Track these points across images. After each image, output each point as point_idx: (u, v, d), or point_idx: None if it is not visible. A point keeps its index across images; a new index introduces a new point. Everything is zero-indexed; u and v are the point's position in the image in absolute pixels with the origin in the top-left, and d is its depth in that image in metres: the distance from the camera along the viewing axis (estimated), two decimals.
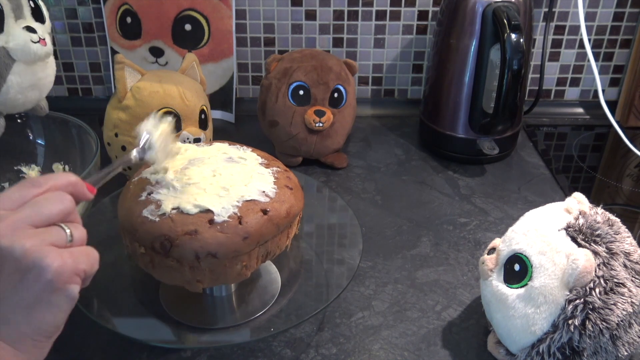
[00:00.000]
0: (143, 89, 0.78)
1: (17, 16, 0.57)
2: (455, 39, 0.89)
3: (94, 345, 0.61)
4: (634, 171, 0.96)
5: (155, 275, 0.58)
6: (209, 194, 0.57)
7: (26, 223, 0.40)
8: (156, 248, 0.55)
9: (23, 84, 0.59)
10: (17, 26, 0.57)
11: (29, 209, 0.41)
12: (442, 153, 0.96)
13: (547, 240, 0.55)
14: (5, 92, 0.58)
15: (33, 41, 0.57)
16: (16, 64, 0.56)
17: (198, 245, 0.54)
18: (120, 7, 0.99)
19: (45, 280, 0.39)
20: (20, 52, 0.57)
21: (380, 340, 0.62)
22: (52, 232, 0.41)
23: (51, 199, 0.42)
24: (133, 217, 0.57)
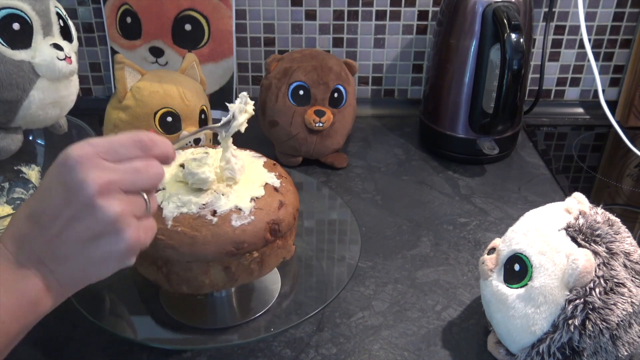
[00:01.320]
0: (143, 89, 0.78)
1: (46, 33, 0.57)
2: (455, 39, 0.89)
3: (94, 345, 0.61)
4: (634, 171, 0.96)
5: (260, 274, 0.60)
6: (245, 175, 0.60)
7: (122, 187, 0.43)
8: (269, 239, 0.57)
9: (45, 100, 0.58)
10: (45, 42, 0.57)
11: (129, 176, 0.43)
12: (442, 153, 0.96)
13: (547, 240, 0.55)
14: (26, 107, 0.57)
15: (59, 58, 0.57)
16: (40, 80, 0.56)
17: (291, 208, 0.60)
18: (120, 7, 0.99)
19: (118, 249, 0.43)
20: (45, 69, 0.57)
21: (380, 340, 0.62)
22: (138, 203, 0.44)
23: (150, 171, 0.44)
24: (229, 236, 0.55)
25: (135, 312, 0.64)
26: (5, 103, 0.57)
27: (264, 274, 0.60)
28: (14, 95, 0.55)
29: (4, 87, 0.55)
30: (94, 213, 0.41)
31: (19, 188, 0.75)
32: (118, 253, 0.43)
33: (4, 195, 0.75)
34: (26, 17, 0.54)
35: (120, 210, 0.42)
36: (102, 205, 0.41)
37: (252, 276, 0.59)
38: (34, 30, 0.55)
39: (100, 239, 0.42)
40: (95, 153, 0.42)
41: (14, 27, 0.53)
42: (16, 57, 0.54)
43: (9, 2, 0.52)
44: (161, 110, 0.79)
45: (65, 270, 0.43)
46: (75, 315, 0.56)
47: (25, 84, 0.55)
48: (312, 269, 0.70)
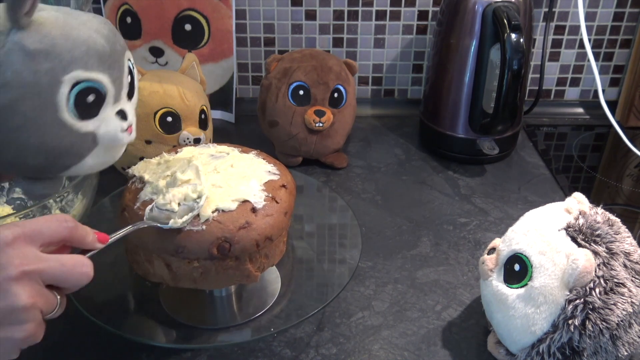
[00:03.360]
0: (143, 89, 0.78)
1: (116, 99, 0.53)
2: (455, 39, 0.89)
3: (94, 345, 0.61)
4: (634, 171, 0.96)
5: (205, 285, 0.58)
6: (231, 187, 0.58)
7: (43, 279, 0.42)
8: (214, 254, 0.55)
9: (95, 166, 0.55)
10: (112, 110, 0.52)
11: (53, 269, 0.42)
12: (442, 153, 0.96)
13: (547, 240, 0.55)
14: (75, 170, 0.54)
15: (122, 130, 0.53)
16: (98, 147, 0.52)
17: (255, 234, 0.56)
18: (120, 7, 0.99)
19: (13, 339, 0.41)
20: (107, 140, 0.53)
21: (380, 340, 0.62)
22: (49, 301, 0.43)
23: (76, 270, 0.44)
24: (171, 235, 0.55)
25: (135, 312, 0.64)
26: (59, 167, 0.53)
27: (212, 287, 0.59)
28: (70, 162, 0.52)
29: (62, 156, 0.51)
30: (6, 297, 0.40)
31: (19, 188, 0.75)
32: (11, 342, 0.41)
33: (4, 195, 0.75)
34: (102, 90, 0.50)
35: (32, 303, 0.41)
36: (16, 292, 0.40)
37: (195, 284, 0.58)
38: (106, 101, 0.51)
39: (1, 325, 0.40)
40: (22, 235, 0.42)
41: (89, 99, 0.49)
42: (82, 129, 0.50)
43: (90, 75, 0.48)
44: (161, 110, 0.79)
45: None
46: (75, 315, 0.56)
47: (84, 152, 0.52)
48: (312, 269, 0.70)
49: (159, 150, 0.79)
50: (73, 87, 0.48)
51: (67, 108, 0.48)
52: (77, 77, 0.48)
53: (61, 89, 0.47)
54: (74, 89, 0.48)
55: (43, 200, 0.62)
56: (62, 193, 0.61)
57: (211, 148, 0.65)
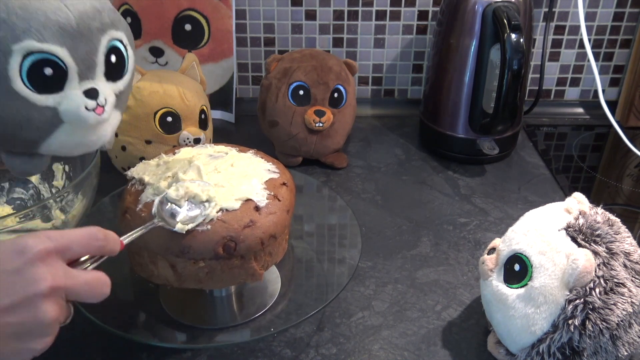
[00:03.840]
0: (143, 89, 0.78)
1: (84, 77, 0.50)
2: (455, 39, 0.89)
3: (94, 345, 0.61)
4: (634, 171, 0.96)
5: (210, 285, 0.58)
6: (234, 186, 0.58)
7: (68, 295, 0.43)
8: (219, 254, 0.55)
9: (68, 142, 0.53)
10: (78, 88, 0.50)
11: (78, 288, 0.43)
12: (442, 153, 0.96)
13: (547, 240, 0.55)
14: (47, 145, 0.53)
15: (87, 108, 0.51)
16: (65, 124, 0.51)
17: (260, 232, 0.56)
18: (120, 7, 0.99)
19: (34, 350, 0.42)
20: (69, 117, 0.51)
21: (380, 340, 0.62)
22: (67, 313, 0.44)
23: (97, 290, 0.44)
24: (177, 236, 0.55)
25: (135, 312, 0.64)
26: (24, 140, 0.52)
27: (217, 286, 0.59)
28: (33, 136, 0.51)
29: (22, 128, 0.50)
30: (35, 312, 0.40)
31: (19, 188, 0.75)
32: (29, 352, 0.42)
33: (4, 195, 0.75)
34: (61, 63, 0.48)
35: (57, 318, 0.42)
36: (45, 309, 0.41)
37: (201, 284, 0.58)
38: (68, 76, 0.49)
39: (23, 336, 0.41)
40: (54, 250, 0.42)
41: (46, 72, 0.48)
42: (40, 103, 0.49)
43: (44, 47, 0.47)
44: (161, 110, 0.79)
45: None
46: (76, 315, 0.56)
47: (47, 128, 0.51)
48: (312, 269, 0.70)
49: (159, 150, 0.79)
50: (26, 58, 0.47)
51: (21, 79, 0.47)
52: (29, 47, 0.46)
53: (12, 59, 0.46)
54: (27, 59, 0.47)
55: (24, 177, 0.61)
56: (62, 193, 0.61)
57: (209, 148, 0.65)
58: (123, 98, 0.57)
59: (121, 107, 0.58)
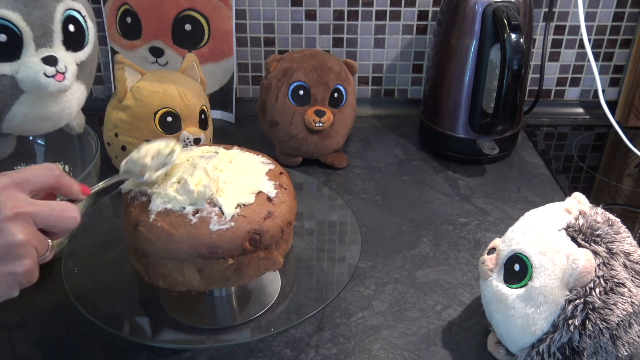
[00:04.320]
0: (143, 89, 0.78)
1: (41, 44, 0.50)
2: (455, 39, 0.89)
3: (94, 346, 0.61)
4: (634, 171, 0.96)
5: (238, 281, 0.58)
6: (242, 181, 0.58)
7: (35, 220, 0.45)
8: (247, 248, 0.56)
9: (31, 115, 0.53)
10: (36, 55, 0.50)
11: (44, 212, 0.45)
12: (442, 153, 0.96)
13: (547, 240, 0.55)
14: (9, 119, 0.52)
15: (46, 75, 0.51)
16: (25, 95, 0.50)
17: (279, 221, 0.58)
18: (120, 7, 0.99)
19: (13, 273, 0.44)
20: (29, 85, 0.50)
21: (380, 340, 0.62)
22: (42, 242, 0.46)
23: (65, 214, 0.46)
24: (204, 238, 0.54)
25: (135, 312, 0.64)
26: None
27: (242, 282, 0.59)
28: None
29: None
30: (3, 235, 0.42)
31: None
32: (12, 278, 0.44)
33: None
34: (15, 29, 0.48)
35: (27, 239, 0.43)
36: (12, 229, 0.43)
37: (228, 282, 0.58)
38: (24, 42, 0.48)
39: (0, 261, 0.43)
40: (12, 183, 0.44)
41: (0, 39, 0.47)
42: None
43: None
44: (161, 110, 0.79)
45: None
46: (75, 315, 0.56)
47: (6, 99, 0.50)
48: (312, 269, 0.70)
49: None
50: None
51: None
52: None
53: None
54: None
55: None
56: None
57: (195, 150, 0.64)
58: (86, 70, 0.56)
59: (85, 80, 0.56)
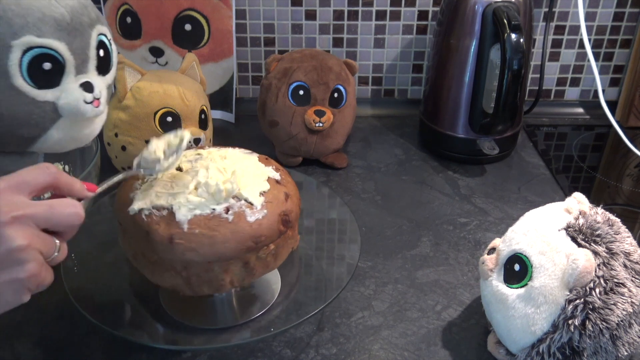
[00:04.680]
0: (143, 89, 0.78)
1: (79, 71, 0.51)
2: (455, 39, 0.89)
3: (94, 346, 0.61)
4: (634, 171, 0.96)
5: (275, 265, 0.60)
6: (249, 172, 0.60)
7: (36, 222, 0.43)
8: (282, 230, 0.58)
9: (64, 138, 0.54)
10: (75, 82, 0.51)
11: (43, 211, 0.44)
12: (442, 153, 0.96)
13: (547, 240, 0.55)
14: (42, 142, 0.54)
15: (86, 101, 0.52)
16: (62, 119, 0.52)
17: (296, 199, 0.62)
18: (120, 7, 0.99)
19: (18, 279, 0.42)
20: (68, 111, 0.52)
21: (380, 340, 0.62)
22: (47, 243, 0.44)
23: (66, 210, 0.45)
24: (247, 231, 0.55)
25: (135, 312, 0.64)
26: (20, 138, 0.53)
27: (278, 265, 0.61)
28: (31, 132, 0.52)
29: (21, 125, 0.51)
30: (1, 242, 0.41)
31: None
32: (15, 285, 0.42)
33: None
34: (59, 57, 0.49)
35: (27, 243, 0.42)
36: (10, 234, 0.41)
37: (267, 268, 0.60)
38: (65, 70, 0.50)
39: (2, 268, 0.42)
40: (7, 187, 0.43)
41: (45, 67, 0.49)
42: (40, 98, 0.50)
43: (43, 42, 0.48)
44: (161, 110, 0.79)
45: None
46: (75, 315, 0.56)
47: (45, 123, 0.52)
48: (312, 269, 0.70)
49: None
50: (25, 53, 0.47)
51: (21, 75, 0.48)
52: (28, 42, 0.47)
53: (12, 55, 0.47)
54: (26, 54, 0.48)
55: None
56: None
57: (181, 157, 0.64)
58: (109, 92, 0.59)
59: (107, 100, 0.59)
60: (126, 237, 0.59)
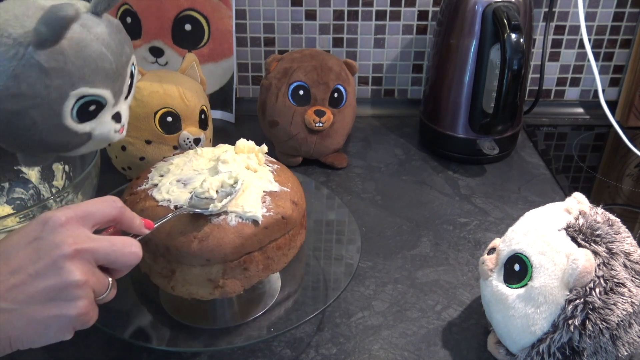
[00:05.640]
0: (143, 89, 0.78)
1: (114, 105, 0.57)
2: (455, 39, 0.89)
3: (94, 346, 0.61)
4: (634, 171, 0.96)
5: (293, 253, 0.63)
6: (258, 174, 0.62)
7: (95, 259, 0.43)
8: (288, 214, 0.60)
9: (85, 152, 0.60)
10: (109, 114, 0.57)
11: (104, 248, 0.44)
12: (442, 153, 0.96)
13: (547, 240, 0.55)
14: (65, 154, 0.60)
15: (115, 131, 0.58)
16: (91, 142, 0.57)
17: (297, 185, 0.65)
18: (120, 7, 0.99)
19: (67, 315, 0.42)
20: (100, 139, 0.57)
21: (380, 340, 0.62)
22: (101, 281, 0.44)
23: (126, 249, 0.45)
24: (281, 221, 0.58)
25: (135, 313, 0.64)
26: (52, 154, 0.60)
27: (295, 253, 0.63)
28: (63, 151, 0.57)
29: (59, 149, 0.56)
30: (60, 274, 0.41)
31: (19, 188, 0.75)
32: (64, 320, 0.42)
33: (4, 195, 0.75)
34: (102, 101, 0.54)
35: (85, 279, 0.42)
36: (70, 269, 0.41)
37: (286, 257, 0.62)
38: (105, 108, 0.55)
39: (53, 301, 0.41)
40: (75, 217, 0.43)
41: (90, 109, 0.54)
42: (80, 131, 0.55)
43: (94, 91, 0.53)
44: (161, 110, 0.79)
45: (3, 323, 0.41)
46: None
47: (79, 147, 0.57)
48: (312, 269, 0.70)
49: (159, 150, 0.79)
50: (78, 100, 0.52)
51: (71, 116, 0.53)
52: (83, 92, 0.52)
53: (67, 102, 0.52)
54: (79, 101, 0.52)
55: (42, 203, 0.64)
56: (62, 193, 0.61)
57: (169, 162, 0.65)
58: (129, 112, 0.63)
59: None
60: None
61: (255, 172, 0.62)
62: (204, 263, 0.56)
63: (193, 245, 0.55)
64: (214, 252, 0.55)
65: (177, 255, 0.56)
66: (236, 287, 0.58)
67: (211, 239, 0.55)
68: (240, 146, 0.64)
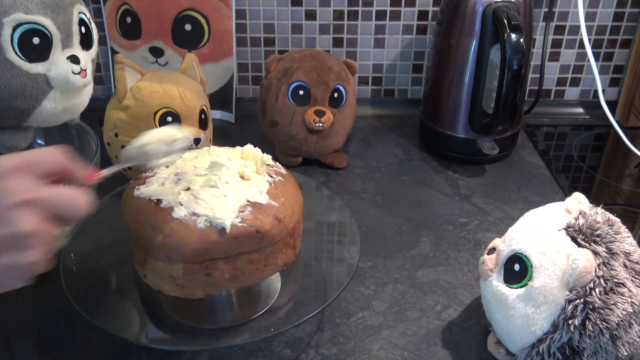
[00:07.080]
0: (143, 89, 0.78)
1: (65, 45, 0.57)
2: (455, 39, 0.89)
3: (94, 346, 0.61)
4: (634, 171, 0.96)
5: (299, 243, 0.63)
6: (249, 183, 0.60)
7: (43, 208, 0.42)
8: None
9: (56, 108, 0.60)
10: (62, 55, 0.57)
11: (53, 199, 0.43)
12: (442, 153, 0.96)
13: (547, 240, 0.55)
14: (37, 114, 0.59)
15: (74, 72, 0.58)
16: (53, 91, 0.57)
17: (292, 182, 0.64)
18: (120, 7, 0.99)
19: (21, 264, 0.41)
20: (59, 82, 0.57)
21: (380, 340, 0.62)
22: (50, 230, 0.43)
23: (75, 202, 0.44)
24: None
25: (135, 312, 0.64)
26: (17, 110, 0.58)
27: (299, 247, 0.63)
28: (27, 104, 0.57)
29: (17, 97, 0.56)
30: (8, 224, 0.40)
31: None
32: (16, 270, 0.41)
33: None
34: (46, 32, 0.54)
35: (34, 229, 0.41)
36: (18, 219, 0.40)
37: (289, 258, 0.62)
38: (53, 44, 0.55)
39: (7, 250, 0.41)
40: (19, 165, 0.42)
41: (34, 42, 0.54)
42: (32, 71, 0.55)
43: (31, 18, 0.53)
44: (161, 110, 0.79)
45: None
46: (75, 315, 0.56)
47: (39, 95, 0.56)
48: (312, 269, 0.70)
49: None
50: (15, 29, 0.52)
51: (13, 49, 0.52)
52: (18, 19, 0.52)
53: (3, 31, 0.52)
54: (17, 30, 0.52)
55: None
56: None
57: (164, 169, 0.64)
58: (93, 67, 0.64)
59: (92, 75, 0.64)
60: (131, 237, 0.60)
61: (248, 180, 0.59)
62: (164, 259, 0.55)
63: (158, 239, 0.54)
64: (175, 250, 0.54)
65: (145, 246, 0.56)
66: (196, 291, 0.57)
67: (174, 237, 0.54)
68: (245, 151, 0.63)
